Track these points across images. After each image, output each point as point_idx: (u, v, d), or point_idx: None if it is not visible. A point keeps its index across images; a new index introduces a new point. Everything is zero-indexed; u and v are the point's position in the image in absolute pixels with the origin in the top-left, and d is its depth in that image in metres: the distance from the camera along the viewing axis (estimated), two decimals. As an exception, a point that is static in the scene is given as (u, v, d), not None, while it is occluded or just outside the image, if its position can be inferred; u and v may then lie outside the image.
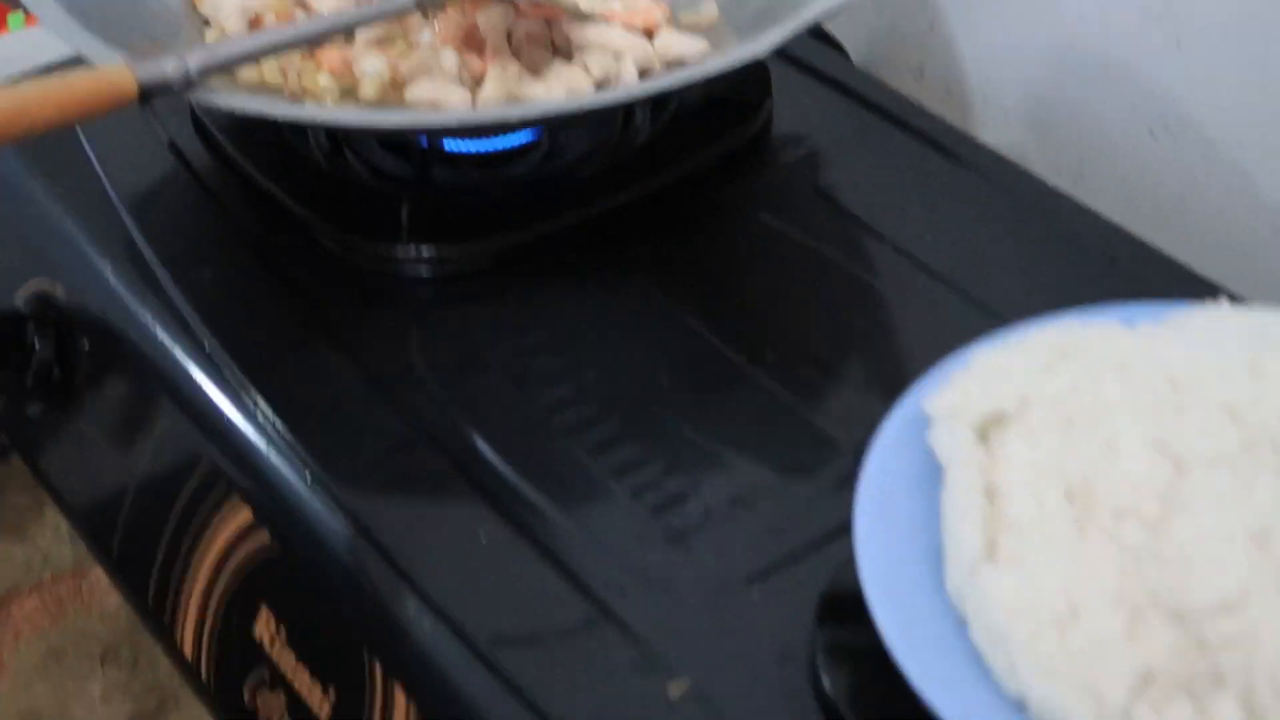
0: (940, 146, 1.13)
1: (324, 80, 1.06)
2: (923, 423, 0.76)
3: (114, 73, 0.91)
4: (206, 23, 1.12)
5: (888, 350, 0.99)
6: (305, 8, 1.14)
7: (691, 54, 1.09)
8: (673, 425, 0.92)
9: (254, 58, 0.97)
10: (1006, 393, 0.74)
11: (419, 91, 1.06)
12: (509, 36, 1.11)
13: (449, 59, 1.08)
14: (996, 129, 1.29)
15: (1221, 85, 1.13)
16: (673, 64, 1.09)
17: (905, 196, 1.09)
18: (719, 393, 0.95)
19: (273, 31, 0.98)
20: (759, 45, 0.95)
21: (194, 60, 0.92)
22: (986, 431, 0.74)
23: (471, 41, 1.11)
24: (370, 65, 1.07)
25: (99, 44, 0.97)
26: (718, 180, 1.10)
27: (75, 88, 0.89)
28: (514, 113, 0.97)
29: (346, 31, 1.03)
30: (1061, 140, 1.25)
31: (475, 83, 1.09)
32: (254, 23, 1.11)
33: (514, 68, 1.08)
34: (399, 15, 1.04)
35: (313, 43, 1.00)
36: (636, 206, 1.07)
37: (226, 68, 0.95)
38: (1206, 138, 1.15)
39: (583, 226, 1.06)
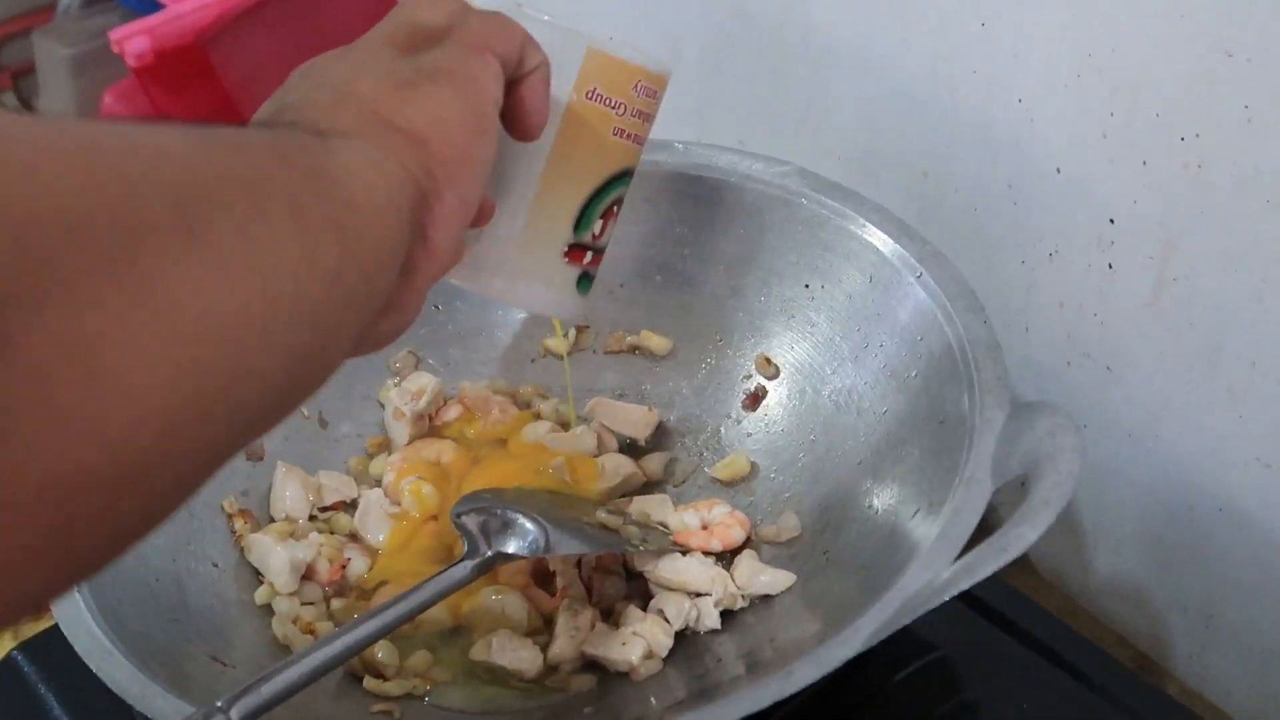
0: (1057, 656, 1.01)
1: (383, 654, 0.98)
2: None
3: None
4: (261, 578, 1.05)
5: None
6: (358, 541, 1.08)
7: (777, 589, 0.99)
8: None
9: (302, 688, 0.85)
10: None
11: (483, 654, 0.98)
12: (579, 564, 1.04)
13: (515, 606, 1.00)
14: (1112, 557, 1.18)
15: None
16: (756, 598, 1.00)
17: None
18: None
19: (322, 649, 0.86)
20: (853, 641, 0.82)
21: (237, 709, 0.81)
22: None
23: (541, 574, 1.04)
24: (433, 614, 0.99)
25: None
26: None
27: None
28: None
29: (408, 621, 0.92)
30: (1184, 576, 1.13)
31: (544, 620, 1.01)
32: (308, 574, 1.04)
33: (586, 614, 0.99)
34: (460, 589, 0.94)
35: (368, 644, 0.89)
36: None
37: (273, 707, 0.84)
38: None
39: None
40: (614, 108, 0.93)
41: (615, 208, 0.97)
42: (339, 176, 0.65)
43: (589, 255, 0.95)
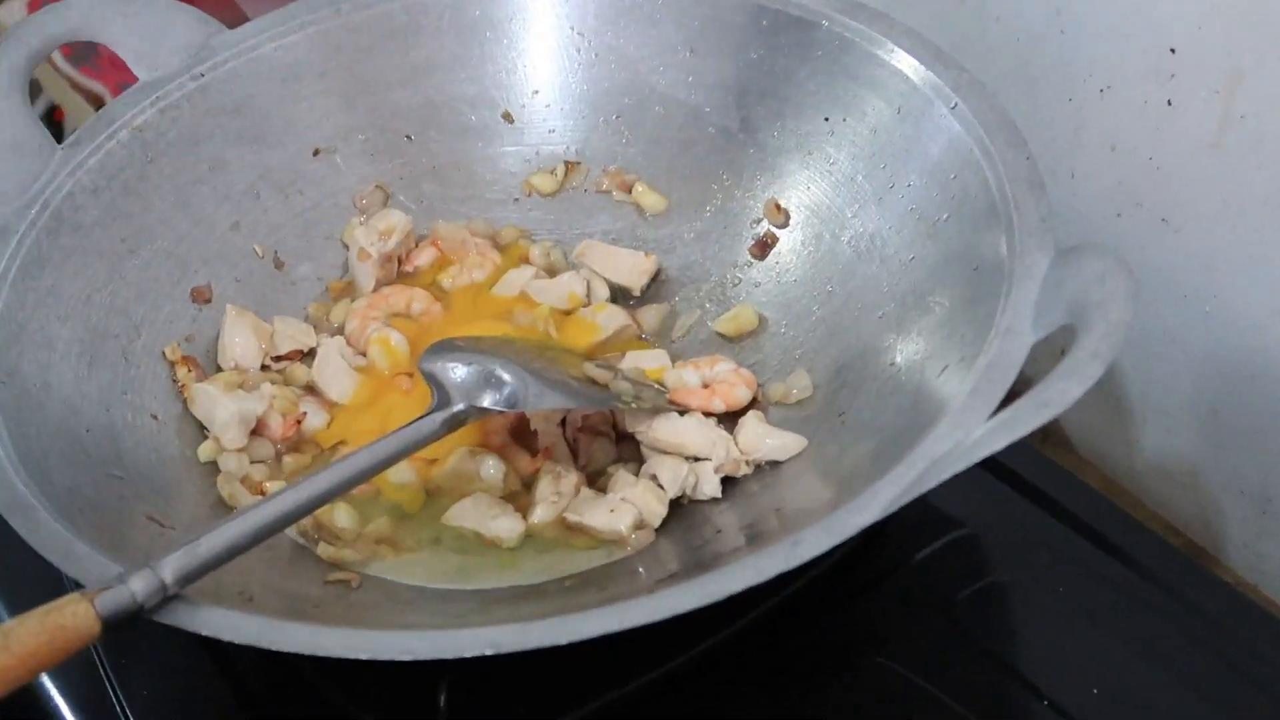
0: (1100, 537, 0.99)
1: (341, 518, 0.95)
2: None
3: (66, 614, 0.75)
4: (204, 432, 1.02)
5: None
6: (315, 394, 1.05)
7: (785, 454, 0.96)
8: None
9: (245, 549, 0.82)
10: None
11: (458, 517, 0.96)
12: (564, 423, 1.01)
13: (491, 469, 0.97)
14: (1161, 434, 1.15)
15: None
16: (761, 464, 0.97)
17: (1059, 620, 0.95)
18: None
19: (267, 506, 0.83)
20: (870, 507, 0.78)
21: (170, 568, 0.78)
22: None
23: (520, 433, 1.01)
24: (399, 476, 0.98)
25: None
26: (826, 602, 0.96)
27: (18, 643, 0.74)
28: (572, 627, 0.77)
29: (367, 480, 0.89)
30: (1241, 456, 1.10)
31: (524, 484, 0.99)
32: (258, 429, 1.01)
33: (570, 478, 0.96)
34: (426, 445, 0.91)
35: (321, 504, 0.85)
36: (732, 645, 0.93)
37: (211, 569, 0.80)
38: None
39: (664, 682, 0.92)
40: None
41: None
42: None
43: None
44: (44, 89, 1.59)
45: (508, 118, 1.15)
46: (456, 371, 0.93)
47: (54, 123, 1.60)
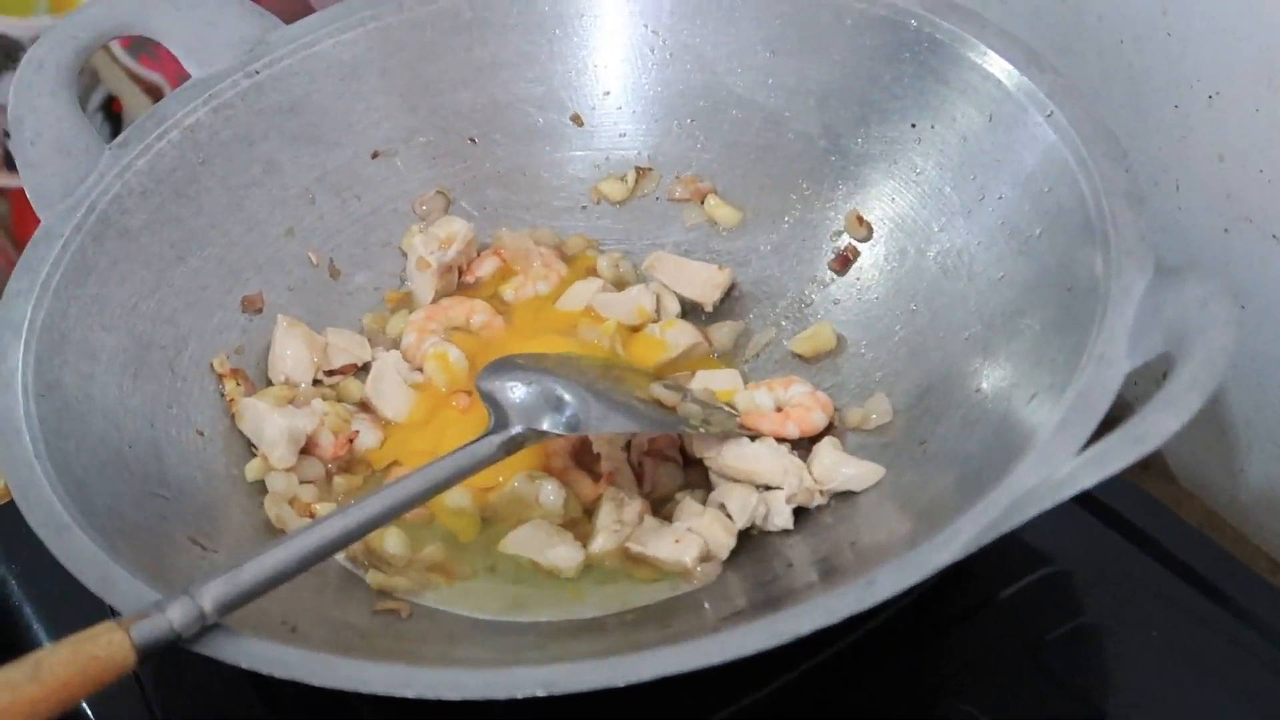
0: (1198, 576, 0.96)
1: (392, 544, 0.94)
2: None
3: (100, 643, 0.74)
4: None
5: None
6: (369, 411, 1.04)
7: (862, 484, 0.95)
8: None
9: (291, 576, 0.81)
10: None
11: (515, 545, 0.95)
12: (628, 446, 1.00)
13: (550, 494, 0.96)
14: (1269, 464, 1.11)
15: None
16: (836, 494, 0.95)
17: (1154, 665, 0.92)
18: None
19: (315, 531, 0.81)
20: (951, 545, 0.76)
21: (210, 596, 0.77)
22: None
23: (582, 457, 1.00)
24: (454, 500, 0.97)
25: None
26: (904, 642, 0.93)
27: (49, 674, 0.73)
28: (630, 668, 0.76)
29: (419, 505, 0.88)
30: None
31: (585, 511, 0.98)
32: (308, 447, 1.00)
33: (634, 506, 0.95)
34: (483, 468, 0.90)
35: (371, 529, 0.84)
36: (803, 686, 0.91)
37: (254, 597, 0.79)
38: None
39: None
40: None
41: None
42: None
43: None
44: (102, 79, 1.59)
45: (577, 120, 1.14)
46: (516, 391, 0.92)
47: (113, 114, 1.60)
